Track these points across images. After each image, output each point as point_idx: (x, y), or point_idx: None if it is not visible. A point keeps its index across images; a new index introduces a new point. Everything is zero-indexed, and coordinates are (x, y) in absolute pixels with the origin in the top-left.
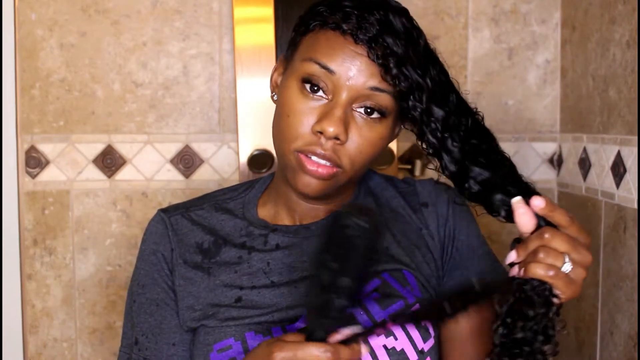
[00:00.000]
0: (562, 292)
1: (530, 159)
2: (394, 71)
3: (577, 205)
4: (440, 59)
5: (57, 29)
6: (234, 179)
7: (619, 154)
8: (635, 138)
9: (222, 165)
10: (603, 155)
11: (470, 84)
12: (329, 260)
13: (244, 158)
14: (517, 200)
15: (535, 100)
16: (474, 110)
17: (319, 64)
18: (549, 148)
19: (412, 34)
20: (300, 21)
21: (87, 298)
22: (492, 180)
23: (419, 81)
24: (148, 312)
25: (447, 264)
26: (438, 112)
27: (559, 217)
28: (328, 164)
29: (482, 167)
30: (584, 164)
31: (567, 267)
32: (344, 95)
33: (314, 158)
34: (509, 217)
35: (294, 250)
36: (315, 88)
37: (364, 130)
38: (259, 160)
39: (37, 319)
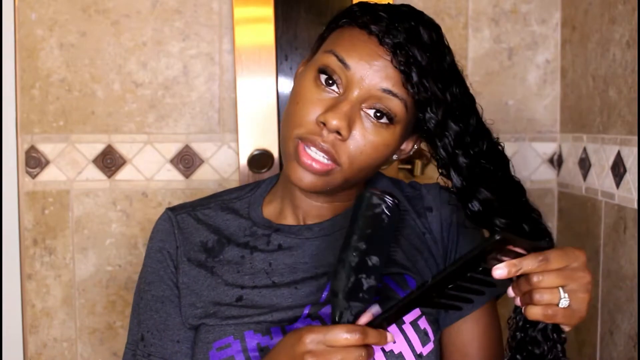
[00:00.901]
0: (565, 324)
1: (530, 159)
2: (415, 79)
3: (577, 205)
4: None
5: (57, 29)
6: (234, 179)
7: (619, 154)
8: (635, 138)
9: (222, 165)
10: (603, 155)
11: (470, 84)
12: (357, 241)
13: (244, 158)
14: (497, 274)
15: (535, 100)
16: (496, 139)
17: (337, 56)
18: (549, 148)
19: (439, 49)
20: (332, 19)
21: (87, 298)
22: (495, 202)
23: (437, 94)
24: (154, 309)
25: None
26: (453, 127)
27: (530, 266)
28: (325, 157)
29: (488, 189)
30: (584, 164)
31: (564, 303)
32: (355, 93)
33: (312, 148)
34: None
35: (296, 251)
36: (330, 82)
37: (368, 132)
38: (259, 160)
39: (37, 319)
